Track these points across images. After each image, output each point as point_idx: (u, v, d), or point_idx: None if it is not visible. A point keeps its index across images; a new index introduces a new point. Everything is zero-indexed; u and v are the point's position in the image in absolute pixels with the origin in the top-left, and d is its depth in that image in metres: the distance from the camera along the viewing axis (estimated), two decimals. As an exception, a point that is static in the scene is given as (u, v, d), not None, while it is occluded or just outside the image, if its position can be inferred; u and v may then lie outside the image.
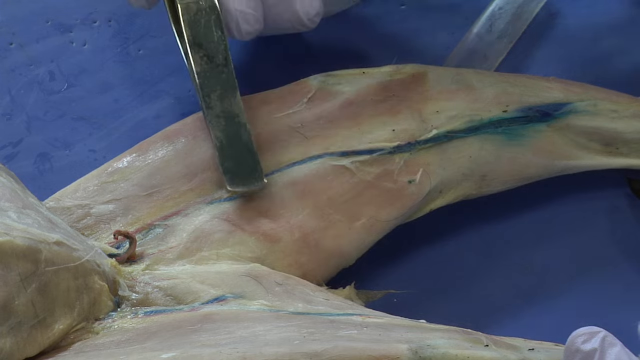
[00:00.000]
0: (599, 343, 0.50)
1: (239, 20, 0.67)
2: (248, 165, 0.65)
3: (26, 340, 0.54)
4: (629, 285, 0.69)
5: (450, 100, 0.70)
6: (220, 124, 0.66)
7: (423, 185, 0.67)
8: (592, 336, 0.51)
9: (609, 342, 0.50)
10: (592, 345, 0.50)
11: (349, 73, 0.71)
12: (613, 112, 0.71)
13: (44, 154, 0.74)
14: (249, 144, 0.65)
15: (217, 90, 0.66)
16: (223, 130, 0.65)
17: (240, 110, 0.66)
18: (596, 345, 0.50)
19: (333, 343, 0.54)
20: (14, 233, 0.54)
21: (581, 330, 0.51)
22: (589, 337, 0.51)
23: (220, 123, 0.66)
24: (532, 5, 0.80)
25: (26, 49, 0.78)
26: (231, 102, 0.66)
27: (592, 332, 0.51)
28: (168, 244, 0.63)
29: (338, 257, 0.65)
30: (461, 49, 0.78)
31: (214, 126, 0.66)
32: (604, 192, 0.73)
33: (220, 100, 0.66)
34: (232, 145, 0.65)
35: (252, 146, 0.65)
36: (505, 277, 0.70)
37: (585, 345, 0.50)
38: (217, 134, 0.65)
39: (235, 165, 0.65)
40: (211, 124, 0.66)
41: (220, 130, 0.66)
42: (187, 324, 0.57)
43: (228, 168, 0.65)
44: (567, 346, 0.51)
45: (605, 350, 0.50)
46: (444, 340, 0.55)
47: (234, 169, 0.65)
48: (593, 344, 0.50)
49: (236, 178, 0.64)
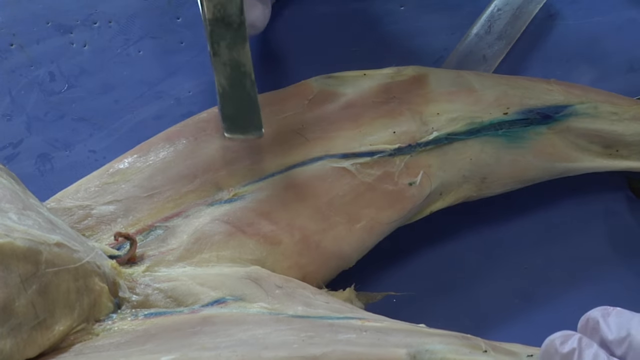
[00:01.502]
0: (577, 343, 0.51)
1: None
2: (248, 113, 0.64)
3: (26, 342, 0.54)
4: (629, 287, 0.69)
5: (450, 102, 0.70)
6: (226, 71, 0.65)
7: (423, 187, 0.67)
8: (567, 338, 0.52)
9: (585, 342, 0.51)
10: (571, 346, 0.51)
11: (350, 75, 0.71)
12: (613, 115, 0.71)
13: (45, 155, 0.74)
14: (251, 92, 0.65)
15: (226, 38, 0.65)
16: (227, 78, 0.65)
17: (247, 60, 0.65)
18: (574, 345, 0.51)
19: (332, 347, 0.54)
20: (15, 234, 0.54)
21: (556, 335, 0.52)
22: (565, 339, 0.52)
23: (226, 70, 0.65)
24: (530, 6, 0.80)
25: (26, 50, 0.78)
26: (239, 52, 0.65)
27: (567, 335, 0.52)
28: (168, 245, 0.63)
29: (338, 259, 0.65)
30: (460, 49, 0.78)
31: (218, 72, 0.65)
32: (603, 194, 0.73)
33: (228, 49, 0.65)
34: (235, 93, 0.65)
35: (255, 95, 0.65)
36: (505, 279, 0.70)
37: (563, 346, 0.51)
38: (221, 81, 0.65)
39: (236, 112, 0.64)
40: (216, 71, 0.65)
41: (224, 77, 0.65)
42: (187, 327, 0.57)
43: (228, 115, 0.64)
44: (545, 349, 0.52)
45: (583, 350, 0.51)
46: (442, 345, 0.55)
47: (234, 115, 0.64)
48: (571, 344, 0.51)
49: (235, 125, 0.64)
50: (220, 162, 0.66)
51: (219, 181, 0.66)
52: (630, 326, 0.51)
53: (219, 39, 0.65)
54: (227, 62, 0.65)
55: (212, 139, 0.67)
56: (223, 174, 0.66)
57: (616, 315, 0.52)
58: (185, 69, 0.77)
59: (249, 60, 0.65)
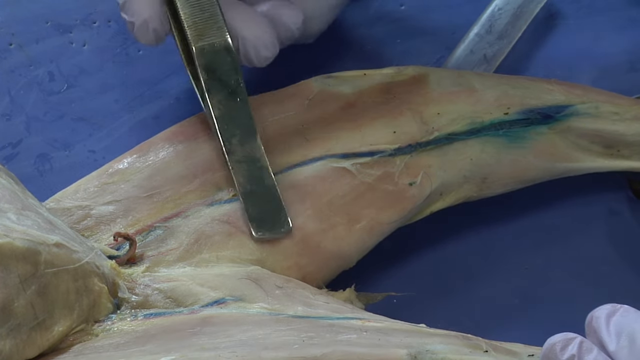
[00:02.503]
0: (577, 349, 0.50)
1: (258, 47, 0.66)
2: (273, 210, 0.64)
3: (25, 342, 0.54)
4: (630, 288, 0.69)
5: (451, 102, 0.70)
6: (243, 169, 0.65)
7: (424, 187, 0.67)
8: (568, 343, 0.50)
9: (585, 347, 0.50)
10: (570, 353, 0.50)
11: (350, 74, 0.71)
12: (614, 115, 0.71)
13: (44, 155, 0.73)
14: (272, 188, 0.65)
15: (237, 134, 0.65)
16: (245, 176, 0.65)
17: (261, 153, 0.65)
18: (574, 351, 0.50)
19: (332, 348, 0.54)
20: (14, 235, 0.54)
21: (557, 338, 0.51)
22: (566, 343, 0.50)
23: (243, 168, 0.65)
24: (531, 5, 0.80)
25: (26, 50, 0.77)
26: (252, 146, 0.65)
27: (568, 338, 0.50)
28: (168, 245, 0.63)
29: (338, 259, 0.65)
30: (461, 49, 0.78)
31: (236, 172, 0.65)
32: (604, 195, 0.73)
33: (240, 145, 0.65)
34: (256, 191, 0.64)
35: (276, 191, 0.65)
36: (505, 279, 0.70)
37: (563, 353, 0.50)
38: (240, 180, 0.65)
39: (260, 212, 0.64)
40: (234, 171, 0.65)
41: (242, 175, 0.65)
42: (186, 327, 0.57)
43: (253, 215, 0.64)
44: (544, 354, 0.51)
45: (582, 356, 0.49)
46: (443, 345, 0.55)
47: (260, 215, 0.64)
48: (571, 350, 0.50)
49: (262, 225, 0.64)
50: (219, 162, 0.66)
51: (218, 181, 0.65)
52: (632, 329, 0.50)
53: (229, 136, 0.65)
54: (242, 159, 0.65)
55: (211, 139, 0.67)
56: (223, 174, 0.66)
57: (621, 315, 0.51)
58: (185, 69, 0.76)
59: (263, 154, 0.65)
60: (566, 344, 0.50)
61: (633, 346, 0.49)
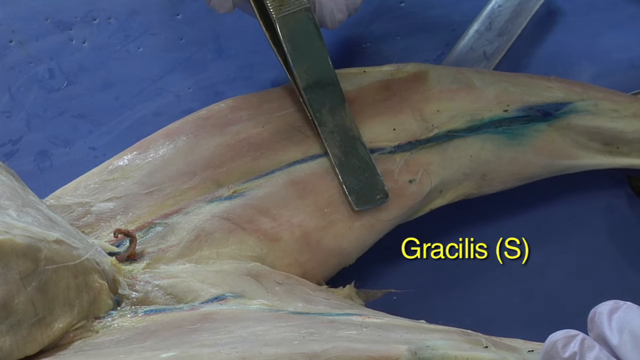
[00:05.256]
0: (578, 346, 0.50)
1: (334, 11, 0.66)
2: (369, 180, 0.64)
3: (26, 339, 0.54)
4: (630, 284, 0.69)
5: (451, 99, 0.70)
6: (336, 140, 0.65)
7: (423, 184, 0.67)
8: (570, 340, 0.50)
9: (587, 345, 0.50)
10: (572, 350, 0.50)
11: (350, 72, 0.71)
12: (614, 112, 0.71)
13: (44, 152, 0.74)
14: (366, 157, 0.65)
15: (326, 104, 0.65)
16: (340, 147, 0.64)
17: (352, 122, 0.65)
18: (576, 348, 0.50)
19: (332, 343, 0.54)
20: (14, 231, 0.54)
21: (558, 335, 0.51)
22: (567, 340, 0.50)
23: (335, 139, 0.65)
24: (531, 3, 0.80)
25: (26, 47, 0.78)
26: (342, 115, 0.65)
27: (569, 335, 0.51)
28: (168, 242, 0.63)
29: (338, 256, 0.65)
30: (460, 46, 0.78)
31: (330, 143, 0.65)
32: (604, 191, 0.73)
33: (331, 115, 0.65)
34: (351, 161, 0.64)
35: (371, 160, 0.65)
36: (505, 276, 0.70)
37: (565, 350, 0.50)
38: (334, 151, 0.64)
39: (358, 182, 0.64)
40: (327, 142, 0.65)
41: (336, 146, 0.65)
42: (186, 324, 0.57)
43: (351, 187, 0.64)
44: (546, 351, 0.51)
45: (584, 353, 0.50)
46: (443, 341, 0.55)
47: (358, 186, 0.64)
48: (572, 348, 0.50)
49: (362, 197, 0.64)
50: (219, 159, 0.66)
51: (218, 178, 0.65)
52: (635, 325, 0.50)
53: (319, 107, 0.65)
54: (335, 129, 0.65)
55: (211, 135, 0.67)
56: (223, 170, 0.66)
57: (624, 311, 0.51)
58: (185, 66, 0.77)
59: (354, 123, 0.65)
60: (568, 342, 0.50)
61: (635, 341, 0.49)
